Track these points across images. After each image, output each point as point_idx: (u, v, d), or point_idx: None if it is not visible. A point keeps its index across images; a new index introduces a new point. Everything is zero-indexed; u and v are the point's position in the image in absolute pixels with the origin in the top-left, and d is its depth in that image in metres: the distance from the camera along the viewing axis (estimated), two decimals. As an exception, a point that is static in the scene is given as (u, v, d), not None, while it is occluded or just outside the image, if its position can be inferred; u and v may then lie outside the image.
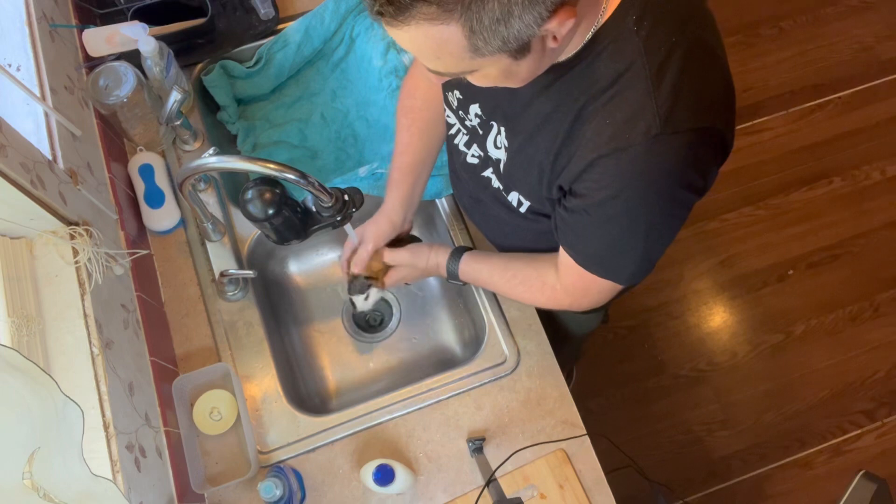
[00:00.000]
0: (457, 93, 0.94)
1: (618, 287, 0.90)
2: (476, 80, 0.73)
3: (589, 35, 0.72)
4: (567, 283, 0.94)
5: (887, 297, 2.10)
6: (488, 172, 0.96)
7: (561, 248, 0.90)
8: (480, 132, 0.93)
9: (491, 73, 0.70)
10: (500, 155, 0.91)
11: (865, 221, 2.19)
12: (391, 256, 1.11)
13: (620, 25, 0.71)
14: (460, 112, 0.95)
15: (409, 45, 0.66)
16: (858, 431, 1.96)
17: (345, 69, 1.41)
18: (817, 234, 2.17)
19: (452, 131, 1.00)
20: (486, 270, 1.06)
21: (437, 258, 1.10)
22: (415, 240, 1.16)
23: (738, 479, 1.91)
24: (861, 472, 0.87)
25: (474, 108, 0.92)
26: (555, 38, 0.66)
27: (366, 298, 1.14)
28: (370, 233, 1.10)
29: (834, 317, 2.08)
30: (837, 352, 2.04)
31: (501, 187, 0.95)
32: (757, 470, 1.92)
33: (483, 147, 0.94)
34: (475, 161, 0.97)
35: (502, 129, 0.88)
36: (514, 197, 0.93)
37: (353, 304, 1.18)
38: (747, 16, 2.46)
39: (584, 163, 0.76)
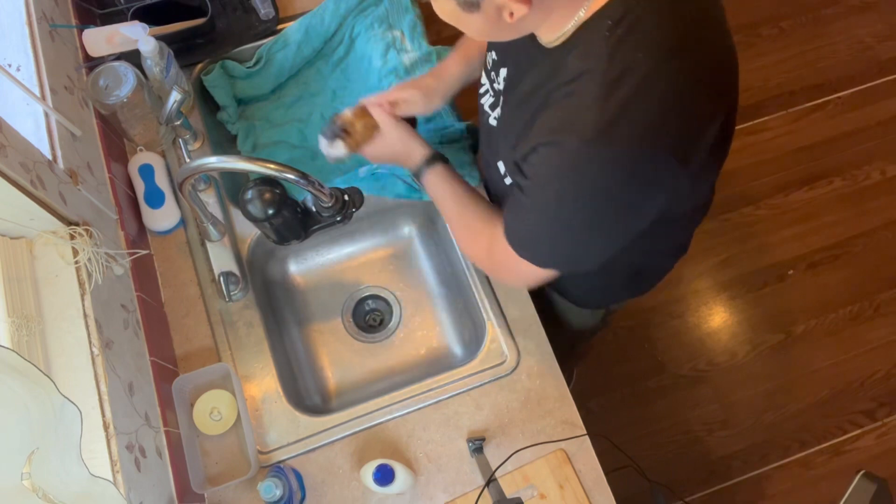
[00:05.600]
0: (493, 53, 0.95)
1: (539, 272, 0.89)
2: (436, 8, 0.78)
3: (570, 28, 0.74)
4: (497, 250, 0.93)
5: (887, 297, 2.10)
6: (496, 135, 0.98)
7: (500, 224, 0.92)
8: (502, 97, 0.95)
9: (444, 7, 0.76)
10: (494, 122, 0.95)
11: (865, 221, 2.19)
12: (379, 117, 1.08)
13: (596, 27, 0.72)
14: (492, 73, 0.96)
15: None
16: (858, 431, 1.96)
17: (345, 69, 1.41)
18: (817, 234, 2.17)
19: (482, 90, 1.01)
20: (448, 193, 1.04)
21: (416, 149, 1.06)
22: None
23: (738, 479, 1.91)
24: (861, 472, 0.87)
25: (503, 72, 0.92)
26: (511, 14, 0.71)
27: (329, 146, 1.09)
28: (405, 84, 1.11)
29: (834, 317, 2.08)
30: (837, 352, 2.04)
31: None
32: (757, 470, 1.92)
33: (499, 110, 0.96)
34: (495, 123, 0.98)
35: (503, 97, 0.91)
36: (500, 166, 0.95)
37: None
38: (747, 16, 2.46)
39: (530, 146, 0.78)
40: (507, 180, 0.94)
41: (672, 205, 0.81)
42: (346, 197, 0.98)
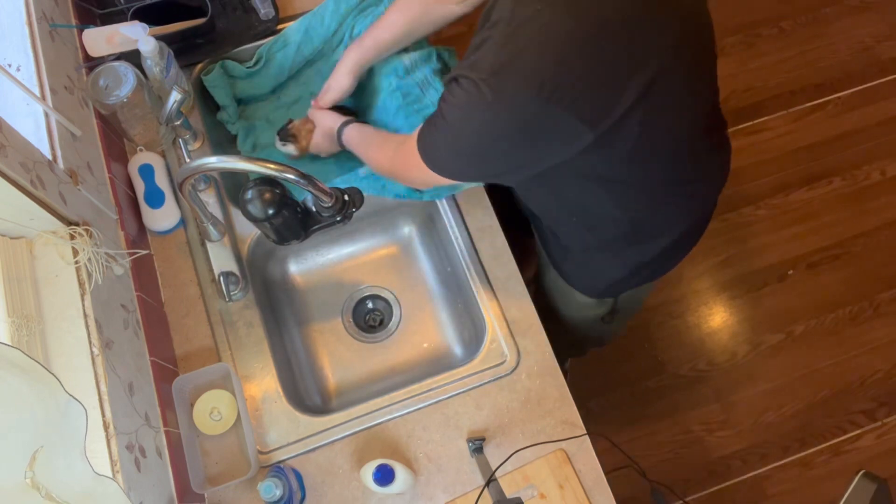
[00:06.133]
0: None
1: (434, 177, 0.97)
2: None
3: None
4: (402, 152, 1.02)
5: (887, 297, 2.10)
6: None
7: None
8: None
9: None
10: None
11: (865, 221, 2.19)
12: (312, 114, 1.28)
13: None
14: None
15: None
16: (858, 431, 1.96)
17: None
18: (817, 234, 2.17)
19: None
20: (360, 137, 1.20)
21: (334, 121, 1.24)
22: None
23: (738, 479, 1.91)
24: (861, 472, 0.87)
25: None
26: None
27: (282, 146, 1.31)
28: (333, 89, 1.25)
29: (834, 317, 2.08)
30: (837, 352, 2.04)
31: None
32: (757, 470, 1.92)
33: None
34: None
35: None
36: None
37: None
38: (747, 16, 2.46)
39: (453, 74, 0.87)
40: None
41: (580, 155, 0.87)
42: (346, 197, 0.98)
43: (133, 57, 1.19)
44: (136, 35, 1.17)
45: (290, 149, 1.30)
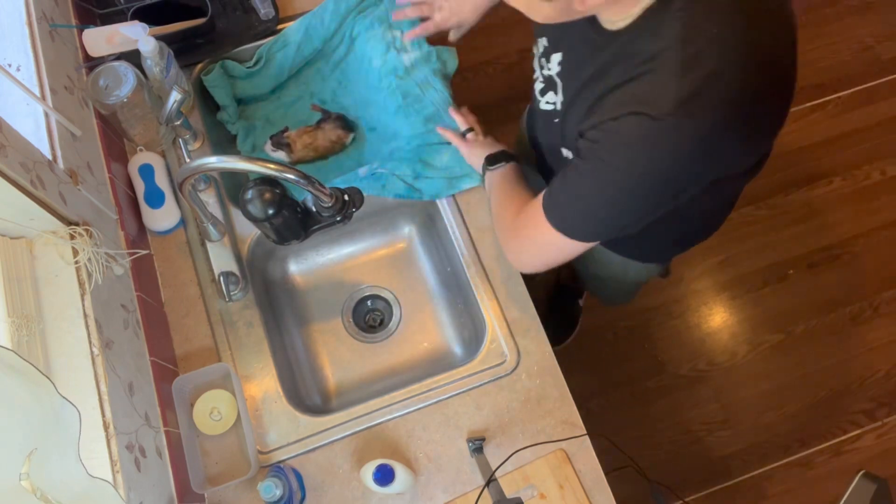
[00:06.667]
0: (544, 41, 0.98)
1: (563, 246, 0.91)
2: None
3: (638, 11, 0.77)
4: (521, 221, 0.98)
5: (887, 297, 2.10)
6: (557, 120, 0.99)
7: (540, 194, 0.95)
8: (557, 81, 0.97)
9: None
10: (560, 106, 0.96)
11: (865, 221, 2.19)
12: (472, 139, 1.23)
13: (665, 9, 0.75)
14: (542, 59, 0.99)
15: None
16: (858, 431, 1.96)
17: (344, 69, 1.41)
18: (817, 234, 2.17)
19: (535, 75, 1.04)
20: (499, 181, 1.12)
21: (482, 153, 1.18)
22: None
23: (738, 479, 1.91)
24: (861, 472, 0.87)
25: (556, 58, 0.95)
26: (583, 1, 0.74)
27: (273, 151, 1.31)
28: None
29: (834, 317, 2.08)
30: (837, 352, 2.04)
31: (560, 139, 0.99)
32: (757, 470, 1.92)
33: (556, 93, 0.98)
34: (549, 107, 1.01)
35: (560, 82, 0.94)
36: (565, 151, 0.98)
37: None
38: (747, 16, 2.46)
39: (599, 120, 0.81)
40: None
41: (727, 171, 0.86)
42: (346, 197, 0.98)
43: (133, 57, 1.19)
44: (136, 35, 1.17)
45: (281, 157, 1.31)
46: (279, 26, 1.38)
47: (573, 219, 0.89)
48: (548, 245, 0.94)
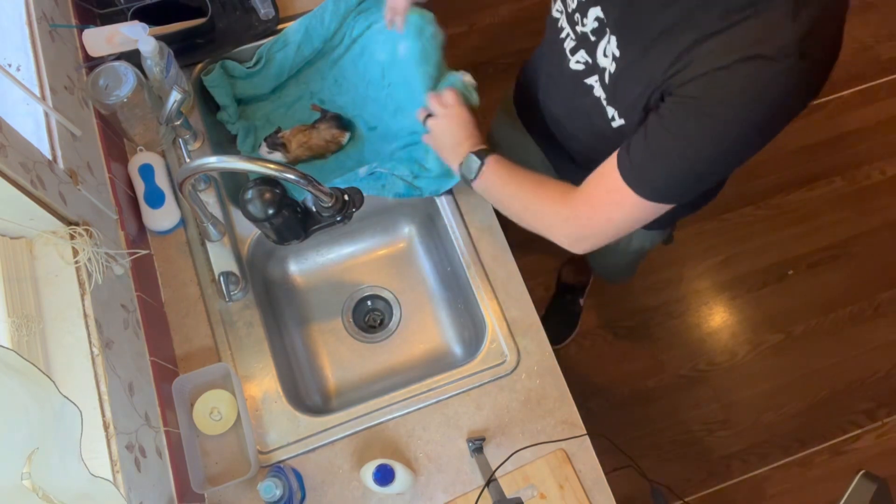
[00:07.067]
0: None
1: (638, 209, 0.87)
2: None
3: None
4: (588, 192, 0.93)
5: (887, 297, 2.10)
6: (592, 80, 0.95)
7: (609, 158, 0.89)
8: (593, 38, 0.92)
9: None
10: (608, 64, 0.90)
11: (865, 221, 2.19)
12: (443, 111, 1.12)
13: None
14: (576, 15, 0.94)
15: None
16: (858, 431, 1.96)
17: (342, 68, 1.41)
18: (817, 234, 2.17)
19: (562, 35, 0.99)
20: (506, 171, 1.05)
21: (474, 140, 1.10)
22: None
23: (738, 479, 1.91)
24: (861, 472, 0.87)
25: (595, 12, 0.90)
26: None
27: (269, 153, 1.29)
28: None
29: (834, 317, 2.08)
30: (837, 352, 2.04)
31: (604, 97, 0.94)
32: (757, 470, 1.92)
33: (593, 54, 0.93)
34: (580, 67, 0.96)
35: (613, 38, 0.88)
36: (611, 111, 0.93)
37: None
38: (747, 16, 2.46)
39: (699, 71, 0.76)
40: (617, 122, 0.93)
41: None
42: (346, 197, 0.98)
43: (133, 57, 1.19)
44: (136, 35, 1.17)
45: (278, 157, 1.30)
46: (279, 26, 1.38)
47: (668, 182, 0.85)
48: (627, 216, 0.90)
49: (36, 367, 0.69)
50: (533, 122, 1.22)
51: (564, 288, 2.04)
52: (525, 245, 1.37)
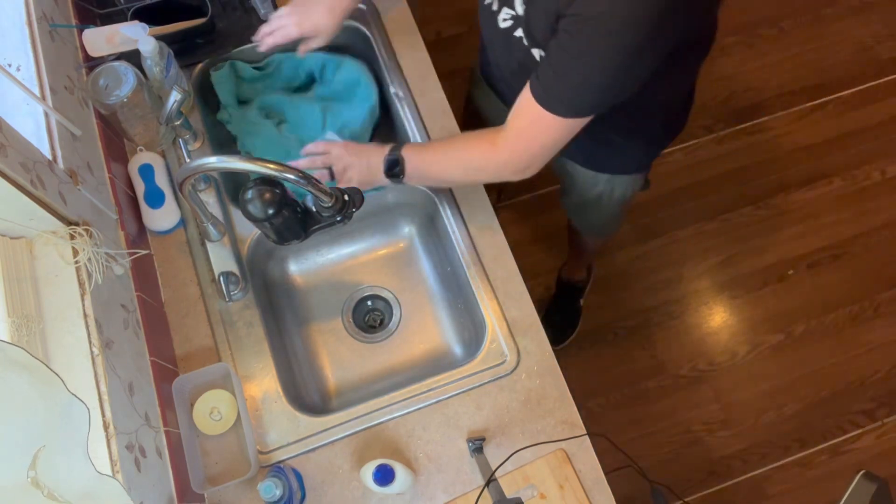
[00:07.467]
0: None
1: (561, 127, 0.93)
2: None
3: None
4: (515, 128, 0.98)
5: (887, 297, 2.10)
6: (519, 32, 0.99)
7: (523, 90, 0.94)
8: None
9: None
10: (521, 10, 0.96)
11: (865, 221, 2.19)
12: (338, 155, 1.13)
13: None
14: None
15: None
16: (858, 431, 1.96)
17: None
18: (817, 234, 2.17)
19: (487, 2, 1.04)
20: (428, 154, 1.10)
21: (377, 152, 1.11)
22: None
23: (738, 479, 1.91)
24: (861, 472, 0.87)
25: None
26: None
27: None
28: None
29: (834, 317, 2.08)
30: (837, 352, 2.04)
31: (528, 44, 0.99)
32: (757, 470, 1.92)
33: (511, 5, 0.98)
34: (509, 23, 1.01)
35: None
36: (537, 54, 0.98)
37: None
38: (747, 16, 2.46)
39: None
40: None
41: (687, 34, 0.88)
42: (346, 197, 0.98)
43: (133, 57, 1.19)
44: (136, 35, 1.17)
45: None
46: (279, 26, 1.38)
47: (576, 97, 0.90)
48: (555, 136, 0.95)
49: (44, 365, 0.69)
50: (496, 86, 1.27)
51: (564, 288, 2.04)
52: (525, 245, 1.38)
